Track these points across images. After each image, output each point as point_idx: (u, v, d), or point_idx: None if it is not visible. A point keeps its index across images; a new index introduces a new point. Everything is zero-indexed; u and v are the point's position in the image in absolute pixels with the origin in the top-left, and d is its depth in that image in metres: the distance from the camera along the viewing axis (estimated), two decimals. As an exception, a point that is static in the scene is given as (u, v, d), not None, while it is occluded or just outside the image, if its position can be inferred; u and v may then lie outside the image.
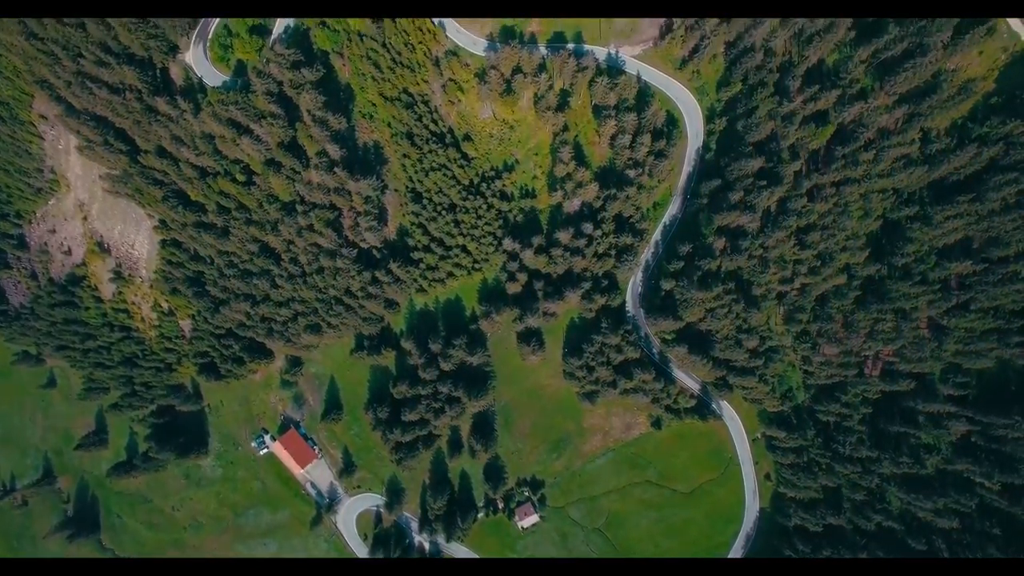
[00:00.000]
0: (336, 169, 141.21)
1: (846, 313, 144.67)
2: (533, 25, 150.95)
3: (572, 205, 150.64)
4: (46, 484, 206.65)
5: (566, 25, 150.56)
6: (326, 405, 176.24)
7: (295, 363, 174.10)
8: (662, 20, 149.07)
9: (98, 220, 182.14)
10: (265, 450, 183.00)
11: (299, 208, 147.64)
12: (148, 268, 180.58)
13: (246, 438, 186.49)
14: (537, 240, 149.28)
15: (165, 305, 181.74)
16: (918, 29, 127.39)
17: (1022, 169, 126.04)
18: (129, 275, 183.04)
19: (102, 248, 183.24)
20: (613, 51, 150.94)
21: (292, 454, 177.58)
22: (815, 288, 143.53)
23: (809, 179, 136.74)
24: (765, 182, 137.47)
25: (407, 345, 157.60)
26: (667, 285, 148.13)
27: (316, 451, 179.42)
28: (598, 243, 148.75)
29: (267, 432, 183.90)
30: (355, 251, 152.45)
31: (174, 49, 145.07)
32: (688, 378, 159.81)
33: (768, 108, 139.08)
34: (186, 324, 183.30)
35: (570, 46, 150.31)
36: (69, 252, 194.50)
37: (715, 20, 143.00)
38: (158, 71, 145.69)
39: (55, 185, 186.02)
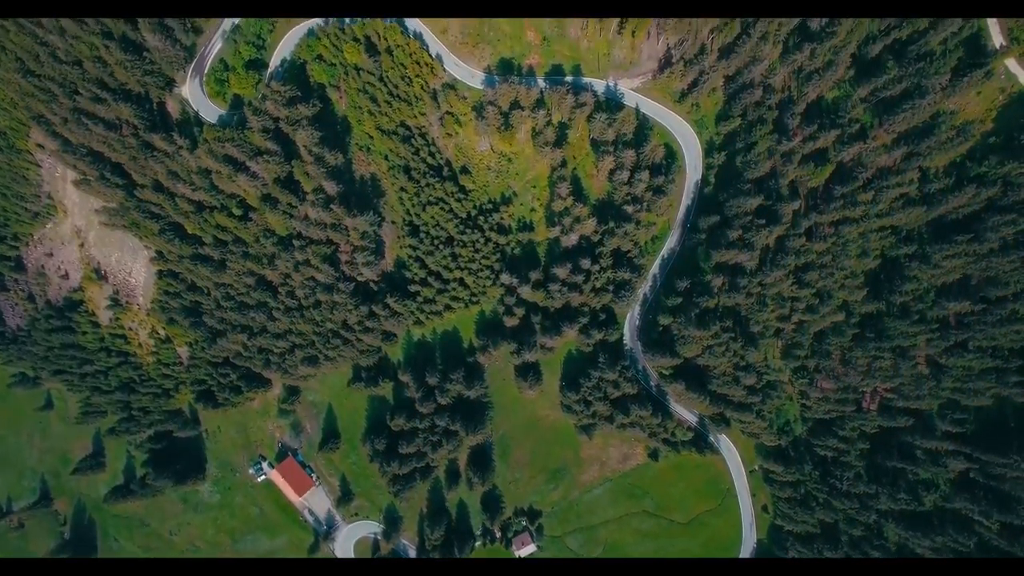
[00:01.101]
0: (333, 206, 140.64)
1: (844, 350, 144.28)
2: (531, 57, 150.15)
3: (570, 240, 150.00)
4: (43, 506, 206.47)
5: (564, 57, 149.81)
6: (324, 434, 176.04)
7: (293, 392, 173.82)
8: (661, 53, 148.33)
9: (95, 247, 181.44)
10: (263, 477, 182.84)
11: (296, 243, 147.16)
12: (145, 296, 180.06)
13: (244, 464, 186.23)
14: (534, 275, 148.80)
15: (162, 332, 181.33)
16: (917, 70, 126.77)
17: (1020, 210, 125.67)
18: (126, 302, 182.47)
19: (99, 275, 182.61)
20: (612, 83, 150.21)
21: (290, 482, 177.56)
22: (813, 325, 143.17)
23: (807, 218, 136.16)
24: (764, 221, 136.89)
25: (404, 378, 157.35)
26: (665, 321, 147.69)
27: (314, 479, 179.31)
28: (596, 278, 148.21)
29: (265, 459, 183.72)
30: (352, 285, 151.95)
31: (170, 83, 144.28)
32: (686, 411, 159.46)
33: (767, 145, 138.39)
34: (183, 351, 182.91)
35: (568, 78, 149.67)
36: (66, 276, 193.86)
37: (714, 55, 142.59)
38: (155, 105, 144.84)
39: (52, 210, 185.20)
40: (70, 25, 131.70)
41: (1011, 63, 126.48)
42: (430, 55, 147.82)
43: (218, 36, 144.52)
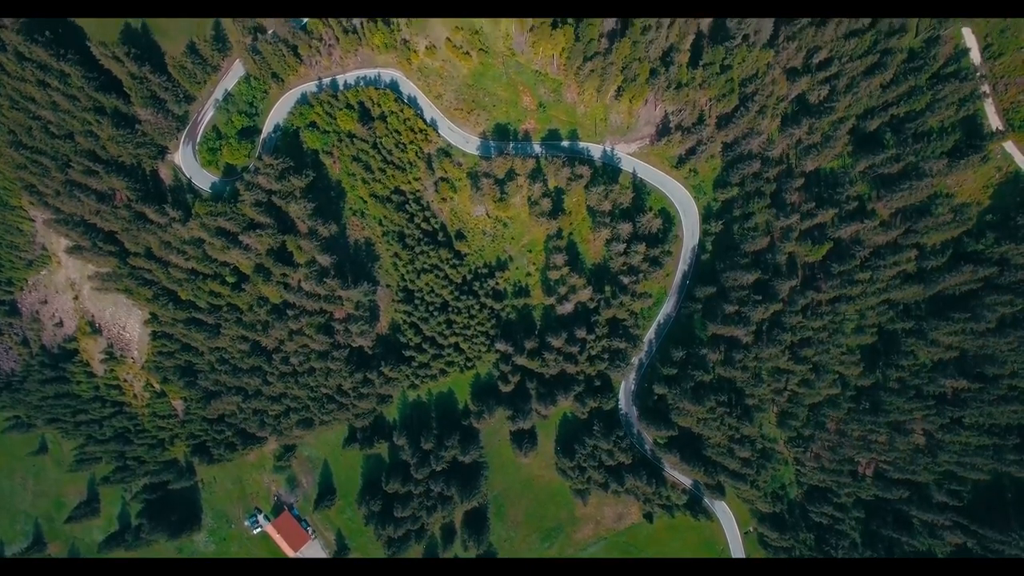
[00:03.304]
0: (326, 279, 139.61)
1: (839, 422, 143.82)
2: (527, 123, 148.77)
3: (565, 308, 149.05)
4: (36, 551, 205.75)
5: (560, 122, 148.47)
6: (320, 489, 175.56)
7: (288, 448, 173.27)
8: (658, 118, 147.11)
9: (89, 300, 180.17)
10: (259, 529, 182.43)
11: (290, 312, 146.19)
12: (140, 350, 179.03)
13: (239, 517, 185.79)
14: (529, 343, 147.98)
15: (157, 386, 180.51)
16: (915, 151, 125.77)
17: (1016, 291, 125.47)
18: (121, 355, 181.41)
19: (93, 328, 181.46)
20: (609, 148, 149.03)
21: (285, 537, 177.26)
22: (809, 398, 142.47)
23: (804, 296, 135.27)
24: (760, 297, 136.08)
25: (400, 441, 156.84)
26: (660, 390, 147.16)
27: (310, 532, 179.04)
28: (591, 347, 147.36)
29: (260, 511, 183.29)
30: (347, 351, 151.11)
31: (163, 151, 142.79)
32: (681, 474, 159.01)
33: (765, 218, 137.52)
34: (179, 404, 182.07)
35: (565, 143, 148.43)
36: (61, 324, 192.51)
37: (712, 125, 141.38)
38: (147, 174, 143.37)
39: (46, 260, 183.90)
40: (62, 100, 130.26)
41: (1008, 144, 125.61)
42: (424, 121, 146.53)
43: (210, 104, 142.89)
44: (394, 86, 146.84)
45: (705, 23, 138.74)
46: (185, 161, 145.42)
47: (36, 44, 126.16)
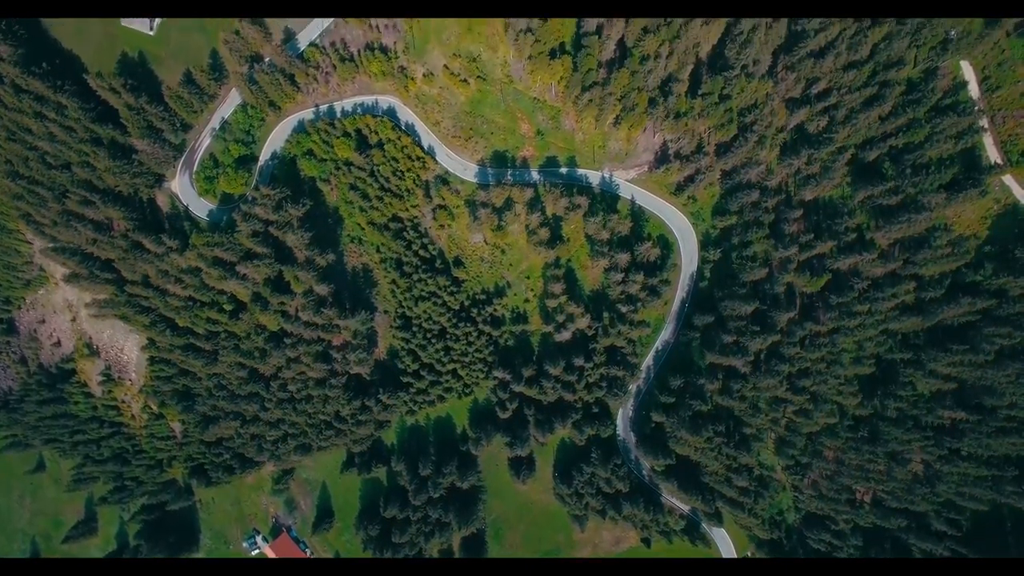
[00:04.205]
0: (324, 309, 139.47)
1: (838, 451, 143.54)
2: (525, 150, 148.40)
3: (563, 336, 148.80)
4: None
5: (559, 149, 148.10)
6: (318, 512, 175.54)
7: (287, 471, 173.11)
8: (657, 145, 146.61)
9: (87, 322, 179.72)
10: (257, 551, 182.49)
11: (287, 340, 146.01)
12: (138, 372, 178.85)
13: (238, 537, 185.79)
14: (528, 371, 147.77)
15: (155, 408, 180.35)
16: (914, 183, 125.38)
17: (1015, 323, 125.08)
18: (119, 377, 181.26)
19: (91, 350, 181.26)
20: (607, 175, 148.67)
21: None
22: (807, 427, 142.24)
23: (803, 327, 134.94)
24: (758, 327, 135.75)
25: (398, 467, 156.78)
26: (658, 418, 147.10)
27: (308, 554, 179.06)
28: (589, 375, 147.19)
29: (259, 532, 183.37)
30: (344, 378, 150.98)
31: (160, 179, 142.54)
32: (679, 501, 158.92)
33: (763, 248, 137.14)
34: (176, 425, 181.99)
35: (563, 170, 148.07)
36: (59, 344, 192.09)
37: (712, 155, 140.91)
38: (144, 201, 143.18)
39: (44, 280, 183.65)
40: (59, 131, 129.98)
41: (1007, 177, 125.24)
42: (422, 148, 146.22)
43: (207, 132, 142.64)
44: (391, 112, 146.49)
45: (704, 51, 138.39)
46: (182, 189, 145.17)
47: (33, 76, 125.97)
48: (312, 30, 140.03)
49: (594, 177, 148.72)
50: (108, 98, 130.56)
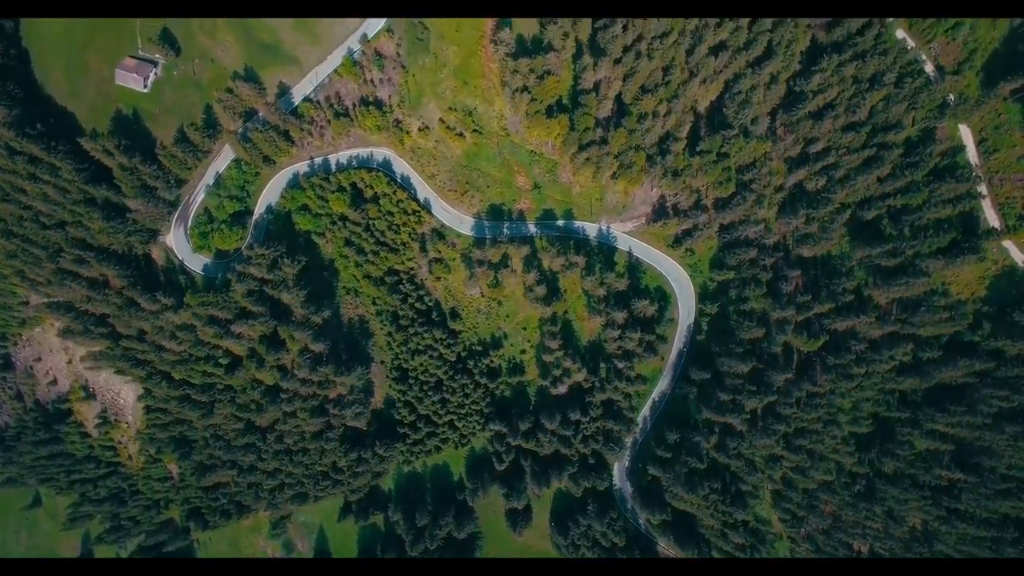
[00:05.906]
0: (320, 367, 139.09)
1: (835, 507, 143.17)
2: (522, 202, 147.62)
3: (560, 389, 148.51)
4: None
5: (555, 202, 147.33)
6: (315, 555, 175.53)
7: (284, 516, 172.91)
8: (655, 199, 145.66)
9: (83, 364, 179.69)
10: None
11: (283, 395, 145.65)
12: (134, 415, 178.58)
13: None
14: (524, 424, 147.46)
15: (152, 453, 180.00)
16: (913, 245, 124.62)
17: (1013, 386, 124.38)
18: (115, 420, 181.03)
19: (87, 393, 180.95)
20: (604, 227, 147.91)
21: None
22: (803, 483, 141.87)
23: (800, 388, 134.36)
24: (755, 387, 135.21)
25: (395, 516, 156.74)
26: (654, 471, 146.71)
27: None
28: (585, 428, 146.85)
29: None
30: (341, 430, 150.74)
31: (155, 234, 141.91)
32: (675, 552, 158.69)
33: (761, 306, 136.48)
34: (174, 467, 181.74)
35: (560, 222, 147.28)
36: (55, 382, 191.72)
37: (711, 211, 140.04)
38: (139, 257, 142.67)
39: (40, 320, 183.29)
40: (52, 192, 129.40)
41: (1006, 241, 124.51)
42: (418, 202, 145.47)
43: (201, 187, 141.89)
44: (386, 165, 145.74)
45: (702, 107, 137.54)
46: (177, 243, 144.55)
47: (27, 138, 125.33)
48: (306, 85, 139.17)
49: (591, 229, 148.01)
50: (102, 159, 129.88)
